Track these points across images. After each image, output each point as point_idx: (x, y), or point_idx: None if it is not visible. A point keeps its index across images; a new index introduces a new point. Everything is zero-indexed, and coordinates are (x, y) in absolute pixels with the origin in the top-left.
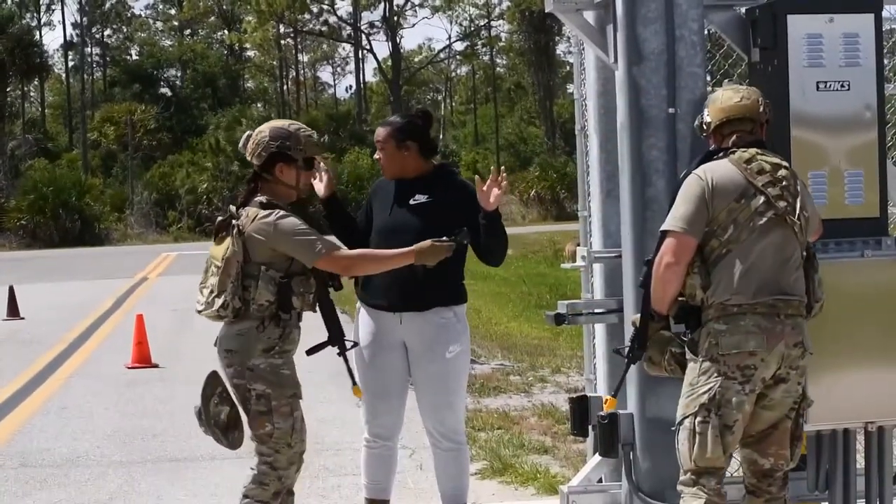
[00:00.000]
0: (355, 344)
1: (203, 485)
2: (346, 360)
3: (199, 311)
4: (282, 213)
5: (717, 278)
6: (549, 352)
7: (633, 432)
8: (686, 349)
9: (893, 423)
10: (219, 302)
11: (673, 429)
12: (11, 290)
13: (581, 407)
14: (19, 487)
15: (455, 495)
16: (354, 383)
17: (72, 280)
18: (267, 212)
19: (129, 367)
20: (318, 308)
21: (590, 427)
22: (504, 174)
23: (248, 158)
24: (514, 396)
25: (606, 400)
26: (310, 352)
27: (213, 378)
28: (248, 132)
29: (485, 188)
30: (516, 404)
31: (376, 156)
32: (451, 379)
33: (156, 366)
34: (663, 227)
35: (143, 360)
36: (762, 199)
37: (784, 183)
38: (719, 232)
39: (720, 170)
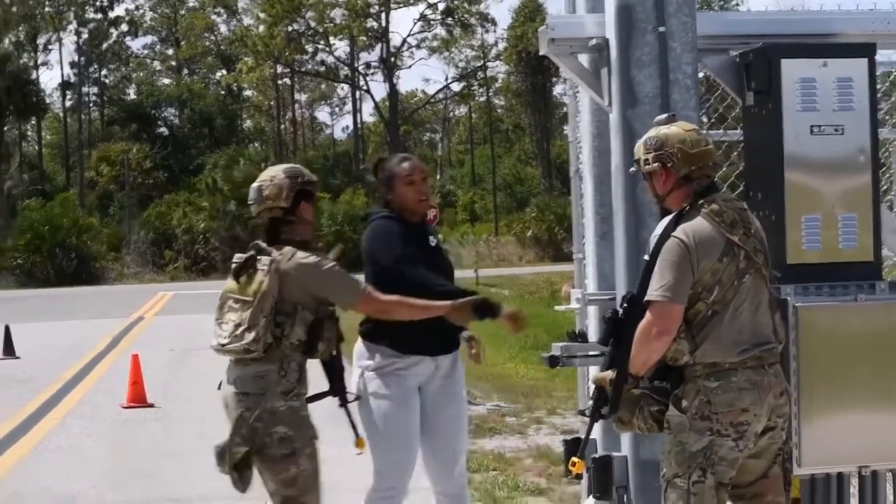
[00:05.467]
0: (358, 397)
1: None
2: (348, 413)
3: (223, 346)
4: (323, 256)
5: (705, 340)
6: (545, 393)
7: (627, 475)
8: (670, 405)
9: (888, 467)
10: (250, 336)
11: (659, 484)
12: (7, 329)
13: (576, 448)
14: None
15: None
16: (358, 435)
17: (68, 319)
18: (307, 253)
19: (124, 407)
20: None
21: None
22: (484, 349)
23: (270, 205)
24: (509, 438)
25: (574, 462)
26: (310, 400)
27: (240, 420)
28: (254, 185)
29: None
30: (511, 446)
31: (413, 190)
32: (465, 419)
33: (151, 405)
34: (649, 297)
35: (139, 399)
36: (742, 254)
37: (753, 229)
38: (704, 294)
39: (701, 230)
